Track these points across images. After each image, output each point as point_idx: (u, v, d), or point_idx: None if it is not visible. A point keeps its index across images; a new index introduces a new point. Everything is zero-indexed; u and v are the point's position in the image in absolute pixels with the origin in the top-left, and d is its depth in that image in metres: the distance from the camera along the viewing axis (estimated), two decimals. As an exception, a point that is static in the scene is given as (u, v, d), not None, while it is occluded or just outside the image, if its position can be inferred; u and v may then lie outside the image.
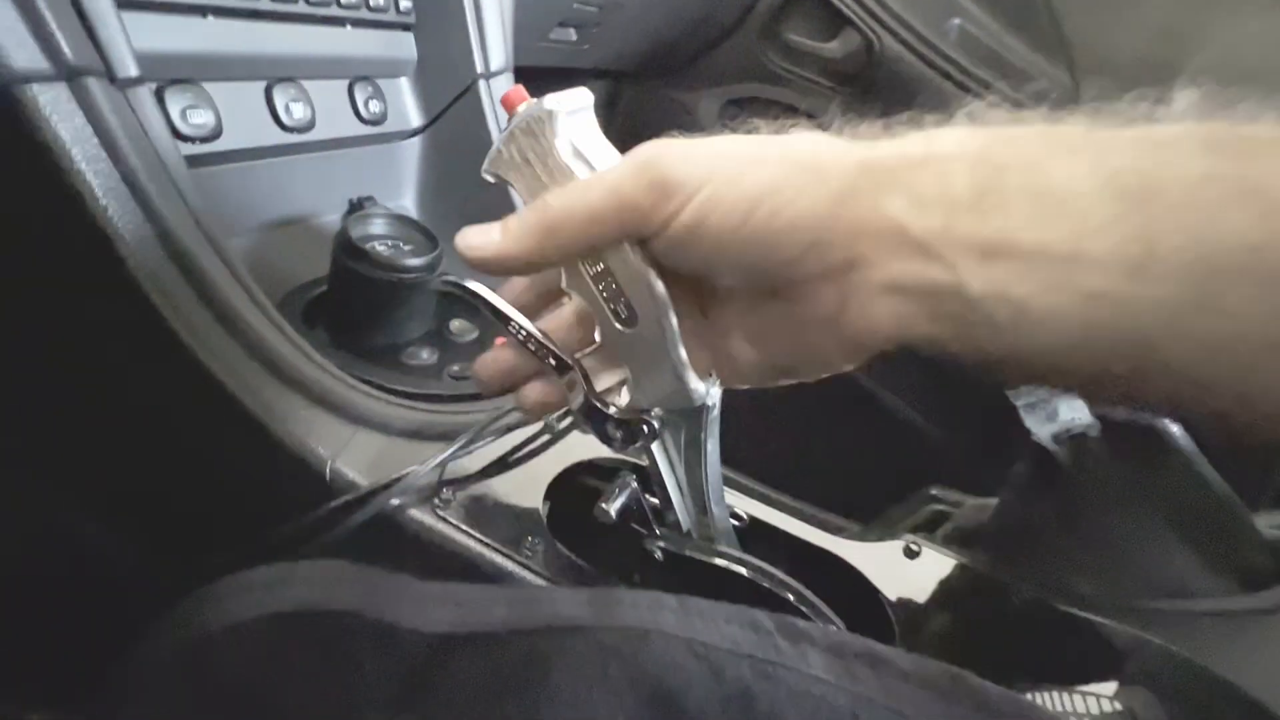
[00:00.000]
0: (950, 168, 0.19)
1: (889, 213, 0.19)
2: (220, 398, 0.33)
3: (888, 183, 0.20)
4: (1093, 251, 0.17)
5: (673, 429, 0.29)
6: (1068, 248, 0.18)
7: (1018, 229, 0.18)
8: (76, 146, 0.29)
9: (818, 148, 0.21)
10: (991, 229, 0.18)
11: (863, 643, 0.21)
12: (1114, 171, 0.17)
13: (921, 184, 0.19)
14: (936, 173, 0.19)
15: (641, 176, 0.22)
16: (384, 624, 0.20)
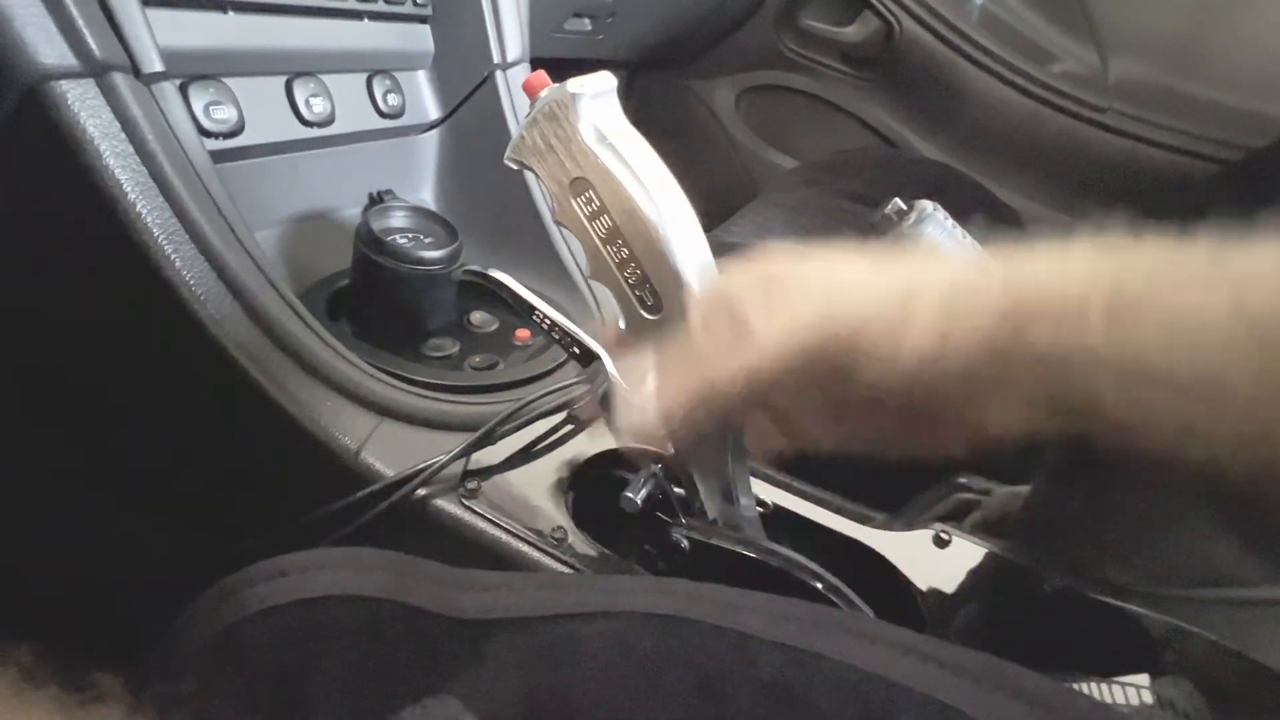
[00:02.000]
0: (1089, 302, 0.20)
1: (1035, 343, 0.21)
2: (248, 389, 0.33)
3: (1033, 315, 0.21)
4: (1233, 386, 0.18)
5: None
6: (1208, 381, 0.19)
7: (1155, 357, 0.19)
8: (105, 142, 0.30)
9: (963, 281, 0.22)
10: (1130, 354, 0.20)
11: (897, 631, 0.20)
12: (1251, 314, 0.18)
13: (1059, 311, 0.21)
14: (1079, 306, 0.20)
15: (821, 330, 0.23)
16: (414, 609, 0.20)
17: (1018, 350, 0.21)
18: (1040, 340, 0.21)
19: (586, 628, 0.20)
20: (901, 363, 0.22)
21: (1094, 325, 0.20)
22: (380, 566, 0.22)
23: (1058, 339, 0.21)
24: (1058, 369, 0.21)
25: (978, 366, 0.22)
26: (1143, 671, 0.30)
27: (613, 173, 0.24)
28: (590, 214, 0.25)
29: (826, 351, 0.23)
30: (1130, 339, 0.20)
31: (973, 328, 0.22)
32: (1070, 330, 0.20)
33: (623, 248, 0.25)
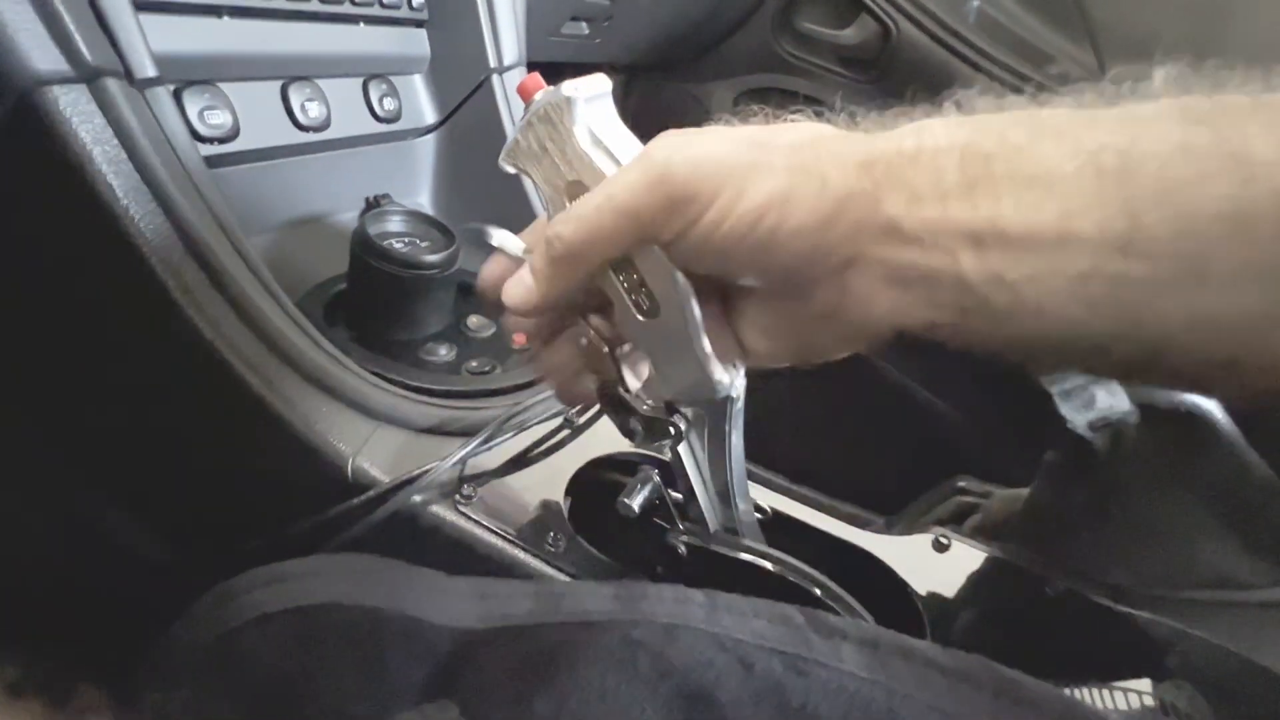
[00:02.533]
0: (941, 161, 0.20)
1: (887, 211, 0.20)
2: (243, 395, 0.33)
3: (885, 182, 0.20)
4: (1079, 232, 0.18)
5: (695, 421, 0.29)
6: (1055, 230, 0.18)
7: (1007, 215, 0.18)
8: (97, 147, 0.29)
9: (819, 149, 0.21)
10: (983, 217, 0.19)
11: (897, 637, 0.20)
12: (1095, 150, 0.18)
13: (916, 180, 0.20)
14: (929, 167, 0.20)
15: (655, 192, 0.22)
16: (410, 618, 0.20)
17: (871, 221, 0.20)
18: (894, 208, 0.20)
19: (583, 636, 0.20)
20: (736, 230, 0.21)
21: (948, 186, 0.19)
22: (377, 574, 0.22)
23: (912, 204, 0.20)
24: (913, 238, 0.20)
25: (831, 240, 0.21)
26: (1145, 676, 0.30)
27: (608, 176, 0.24)
28: None
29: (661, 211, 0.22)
30: (983, 197, 0.19)
31: (819, 192, 0.20)
32: (924, 192, 0.20)
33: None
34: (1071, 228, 0.18)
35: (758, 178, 0.21)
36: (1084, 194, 0.18)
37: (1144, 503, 0.32)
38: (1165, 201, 0.17)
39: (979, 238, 0.19)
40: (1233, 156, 0.16)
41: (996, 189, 0.19)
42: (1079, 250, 0.18)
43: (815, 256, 0.21)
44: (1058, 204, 0.18)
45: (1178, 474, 0.31)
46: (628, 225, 0.22)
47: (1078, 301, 0.18)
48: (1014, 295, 0.19)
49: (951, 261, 0.19)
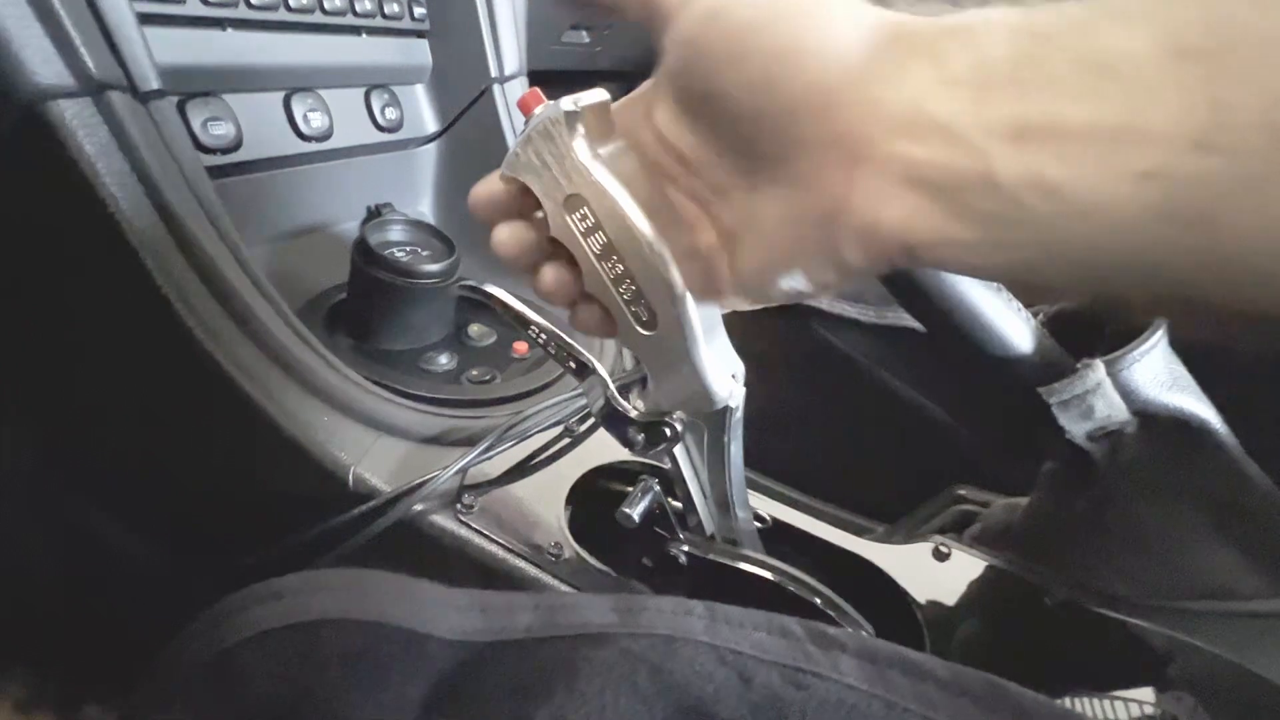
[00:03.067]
0: (986, 37, 0.17)
1: (912, 87, 0.17)
2: (244, 405, 0.33)
3: (915, 50, 0.17)
4: (1150, 123, 0.15)
5: (694, 431, 0.29)
6: (1120, 121, 0.15)
7: (1062, 104, 0.15)
8: (101, 160, 0.30)
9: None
10: (1031, 106, 0.16)
11: (896, 649, 0.20)
12: (1177, 29, 0.15)
13: (952, 55, 0.17)
14: (969, 41, 0.17)
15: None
16: (410, 632, 0.20)
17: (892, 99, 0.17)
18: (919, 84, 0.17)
19: (583, 649, 0.20)
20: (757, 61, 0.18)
21: (991, 67, 0.16)
22: (376, 588, 0.22)
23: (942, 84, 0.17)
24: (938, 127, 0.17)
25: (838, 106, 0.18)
26: (1145, 685, 0.30)
27: (606, 190, 0.24)
28: (585, 230, 0.25)
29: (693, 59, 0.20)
30: (1034, 84, 0.16)
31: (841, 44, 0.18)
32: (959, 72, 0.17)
33: (617, 264, 0.25)
34: (1141, 119, 0.15)
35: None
36: (1159, 79, 0.15)
37: (1143, 513, 0.32)
38: (1260, 89, 0.14)
39: (1022, 132, 0.16)
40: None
41: (1050, 72, 0.16)
42: (1146, 145, 0.15)
43: (824, 111, 0.18)
44: (1126, 91, 0.15)
45: (1177, 484, 0.31)
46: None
47: (1139, 205, 0.15)
48: (1058, 199, 0.16)
49: (984, 162, 0.16)
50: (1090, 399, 0.29)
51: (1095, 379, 0.29)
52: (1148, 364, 0.29)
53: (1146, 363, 0.29)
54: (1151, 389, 0.29)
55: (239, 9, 0.40)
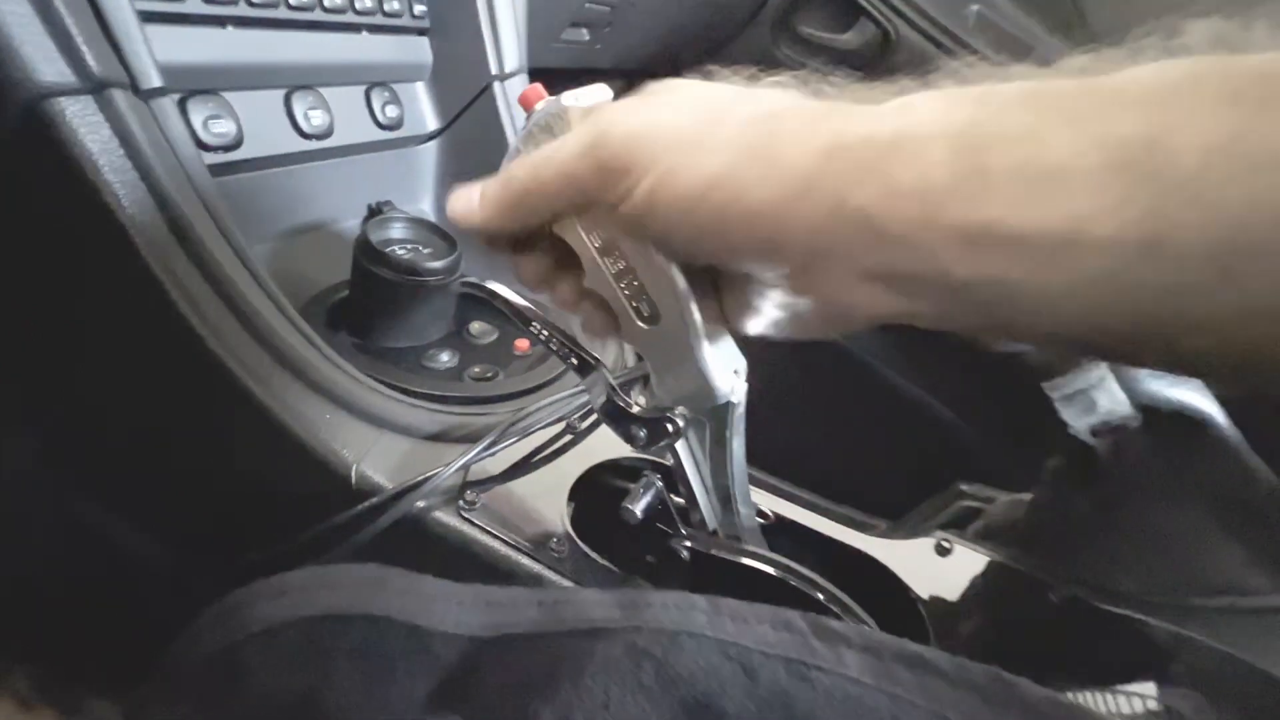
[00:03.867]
0: (927, 151, 0.17)
1: (857, 204, 0.18)
2: (246, 402, 0.33)
3: (855, 170, 0.18)
4: (1095, 235, 0.15)
5: (697, 427, 0.29)
6: (1067, 231, 0.16)
7: (1007, 215, 0.16)
8: (103, 157, 0.30)
9: (777, 126, 0.19)
10: (977, 219, 0.16)
11: (901, 644, 0.20)
12: (1118, 142, 0.15)
13: (895, 172, 0.17)
14: (912, 158, 0.17)
15: (588, 158, 0.21)
16: (416, 627, 0.20)
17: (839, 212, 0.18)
18: (864, 200, 0.18)
19: (587, 645, 0.20)
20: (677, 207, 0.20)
21: (934, 181, 0.17)
22: (381, 583, 0.22)
23: (888, 198, 0.17)
24: (891, 237, 0.17)
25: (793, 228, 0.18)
26: (1149, 681, 0.30)
27: None
28: (587, 226, 0.25)
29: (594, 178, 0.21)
30: (979, 196, 0.16)
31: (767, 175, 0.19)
32: (904, 188, 0.17)
33: (619, 259, 0.25)
34: (1085, 230, 0.15)
35: (698, 155, 0.20)
36: (1102, 193, 0.15)
37: (1147, 508, 0.32)
38: (1202, 205, 0.14)
39: (972, 237, 0.17)
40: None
41: (994, 185, 0.16)
42: (1093, 253, 0.15)
43: (776, 247, 0.19)
44: (1069, 203, 0.16)
45: (1181, 479, 0.31)
46: (565, 186, 0.22)
47: (1087, 303, 0.16)
48: (1012, 294, 0.17)
49: (938, 263, 0.17)
50: (1093, 394, 0.29)
51: (1099, 374, 0.29)
52: (1151, 358, 0.29)
53: (1150, 357, 0.29)
54: (1154, 383, 0.29)
55: (239, 7, 0.40)
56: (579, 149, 0.22)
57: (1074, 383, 0.29)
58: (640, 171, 0.20)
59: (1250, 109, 0.14)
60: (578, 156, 0.22)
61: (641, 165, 0.20)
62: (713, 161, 0.19)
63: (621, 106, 0.22)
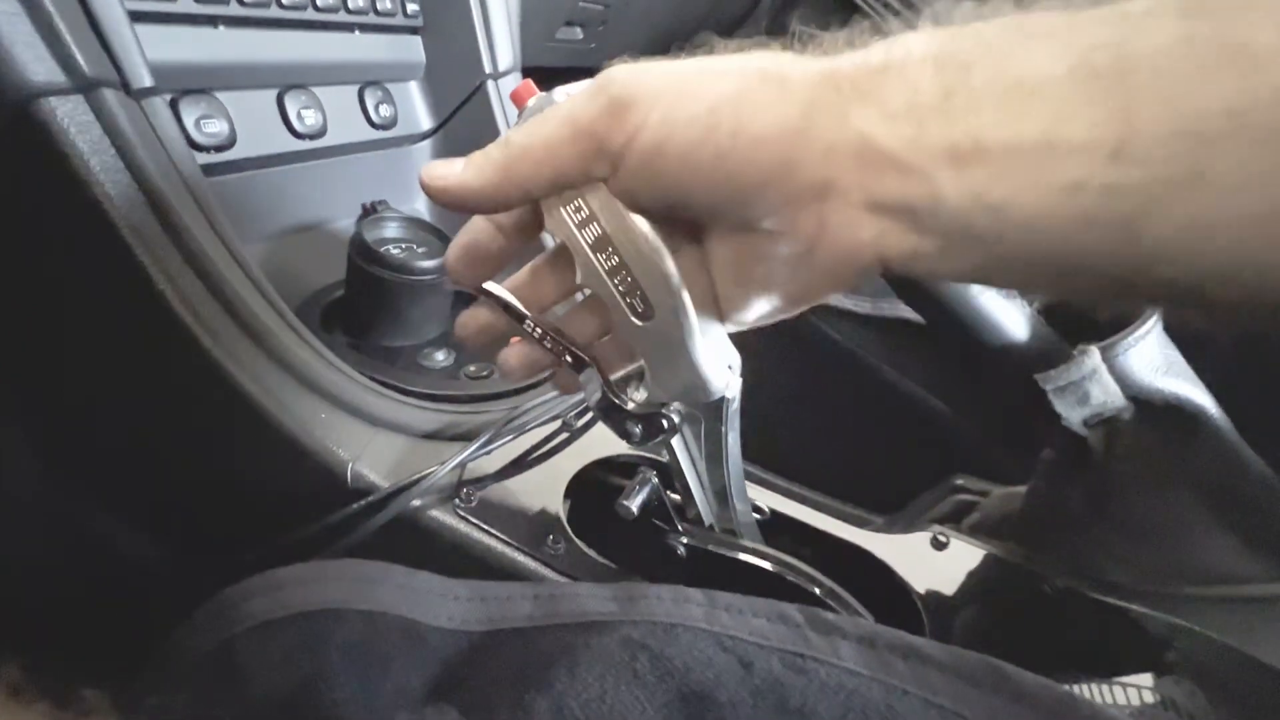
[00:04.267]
0: (915, 72, 0.18)
1: (858, 126, 0.18)
2: (241, 402, 0.33)
3: (853, 94, 0.18)
4: (1068, 139, 0.16)
5: (692, 423, 0.29)
6: (1041, 139, 0.16)
7: (988, 128, 0.17)
8: (94, 157, 0.30)
9: (779, 61, 0.20)
10: (961, 132, 0.17)
11: (895, 634, 0.20)
12: (1085, 50, 0.16)
13: (887, 93, 0.18)
14: (901, 79, 0.18)
15: (596, 100, 0.21)
16: (411, 622, 0.20)
17: (843, 139, 0.18)
18: (865, 123, 0.18)
19: (583, 638, 0.20)
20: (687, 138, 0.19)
21: (922, 99, 0.17)
22: (377, 579, 0.22)
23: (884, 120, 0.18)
24: (889, 159, 0.18)
25: (802, 157, 0.19)
26: (1145, 671, 0.30)
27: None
28: (579, 222, 0.25)
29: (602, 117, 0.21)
30: (961, 110, 0.17)
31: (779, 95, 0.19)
32: (896, 108, 0.18)
33: (613, 255, 0.25)
34: (1059, 135, 0.16)
35: (705, 79, 0.20)
36: (1073, 98, 0.16)
37: (1140, 499, 0.32)
38: (1162, 100, 0.15)
39: (959, 155, 0.17)
40: (1234, 48, 0.15)
41: (976, 99, 0.17)
42: (1068, 159, 0.16)
43: (785, 174, 0.19)
44: (1044, 110, 0.16)
45: (1173, 469, 0.31)
46: (570, 134, 0.21)
47: (1068, 215, 0.17)
48: (999, 215, 0.17)
49: (931, 185, 0.18)
50: (1086, 385, 0.29)
51: (1091, 365, 0.29)
52: (1142, 350, 0.29)
53: (1141, 348, 0.29)
54: (1146, 374, 0.29)
55: (231, 6, 0.40)
56: (585, 94, 0.21)
57: (1067, 375, 0.29)
58: (648, 104, 0.20)
59: (1205, 14, 0.15)
60: (584, 100, 0.21)
61: (649, 97, 0.20)
62: (721, 85, 0.19)
63: (623, 63, 0.22)
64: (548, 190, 0.23)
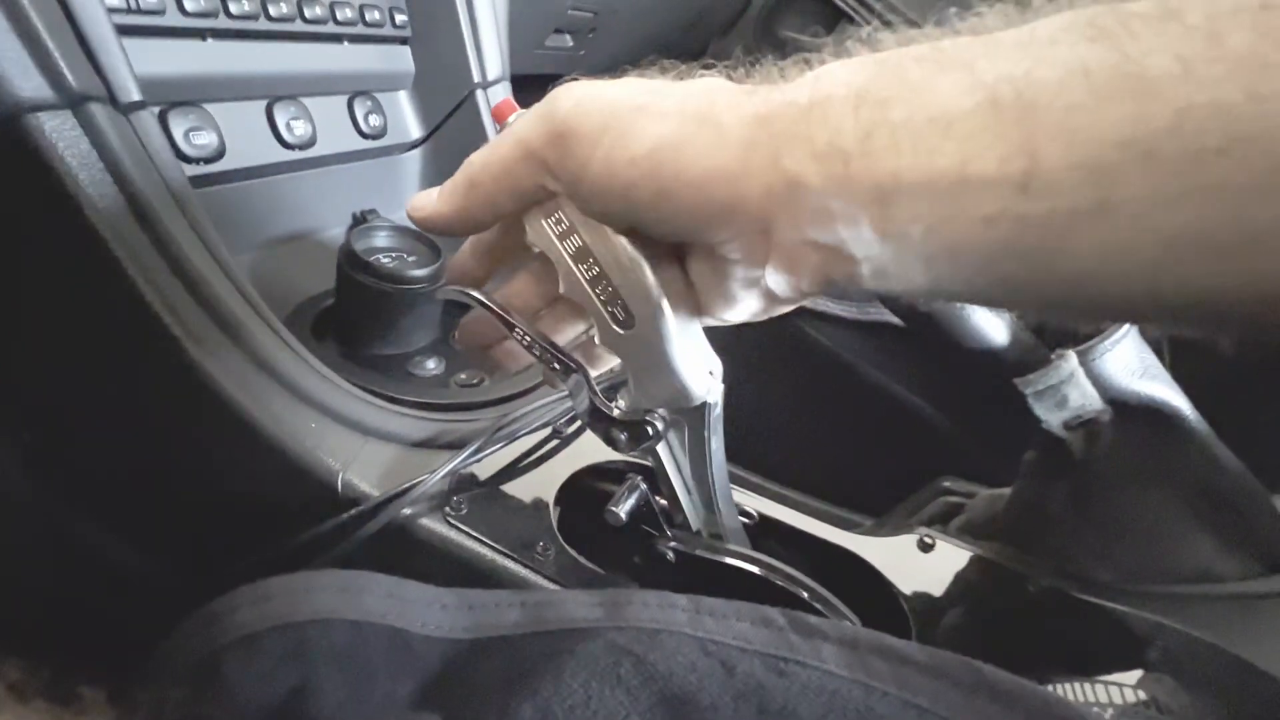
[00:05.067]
0: (835, 111, 0.18)
1: (788, 167, 0.19)
2: (232, 412, 0.33)
3: (782, 136, 0.19)
4: (980, 175, 0.16)
5: (676, 428, 0.29)
6: (956, 176, 0.17)
7: (906, 168, 0.17)
8: (83, 172, 0.30)
9: (714, 99, 0.21)
10: (883, 171, 0.18)
11: (877, 636, 0.21)
12: (992, 84, 0.16)
13: (814, 132, 0.19)
14: (824, 119, 0.19)
15: (542, 124, 0.22)
16: (398, 630, 0.20)
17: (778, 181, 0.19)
18: (795, 165, 0.19)
19: (568, 644, 0.20)
20: (629, 174, 0.20)
21: (845, 139, 0.18)
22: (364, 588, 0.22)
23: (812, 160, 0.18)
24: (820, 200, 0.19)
25: (742, 198, 0.19)
26: (1128, 669, 0.31)
27: None
28: (560, 234, 0.25)
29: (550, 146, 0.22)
30: (882, 148, 0.17)
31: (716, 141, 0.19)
32: (822, 149, 0.18)
33: (593, 265, 0.25)
34: (972, 171, 0.17)
35: (645, 120, 0.20)
36: (983, 133, 0.16)
37: (1121, 499, 0.32)
38: (1063, 133, 0.16)
39: (883, 192, 0.18)
40: (1131, 76, 0.15)
41: (895, 138, 0.17)
42: (982, 194, 0.17)
43: (729, 214, 0.20)
44: (957, 148, 0.17)
45: (1152, 469, 0.31)
46: (522, 156, 0.23)
47: (988, 244, 0.17)
48: (925, 244, 0.18)
49: (859, 219, 0.18)
50: (1064, 389, 0.30)
51: (1068, 369, 0.29)
52: (1119, 354, 0.30)
53: (1118, 352, 0.30)
54: (1123, 378, 0.30)
55: (219, 19, 0.40)
56: (531, 119, 0.22)
57: (1045, 379, 0.30)
58: (592, 138, 0.21)
59: (1104, 40, 0.16)
60: (531, 125, 0.22)
61: (593, 131, 0.21)
62: (658, 127, 0.20)
63: (570, 87, 0.23)
64: (513, 206, 0.25)
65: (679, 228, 0.22)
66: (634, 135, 0.20)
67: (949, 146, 0.17)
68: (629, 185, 0.21)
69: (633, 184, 0.21)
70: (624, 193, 0.21)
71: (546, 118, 0.22)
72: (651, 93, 0.21)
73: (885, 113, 0.18)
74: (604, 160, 0.21)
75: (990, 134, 0.16)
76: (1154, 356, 0.31)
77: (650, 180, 0.20)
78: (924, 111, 0.17)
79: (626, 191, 0.21)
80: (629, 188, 0.21)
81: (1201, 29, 0.14)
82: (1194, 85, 0.14)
